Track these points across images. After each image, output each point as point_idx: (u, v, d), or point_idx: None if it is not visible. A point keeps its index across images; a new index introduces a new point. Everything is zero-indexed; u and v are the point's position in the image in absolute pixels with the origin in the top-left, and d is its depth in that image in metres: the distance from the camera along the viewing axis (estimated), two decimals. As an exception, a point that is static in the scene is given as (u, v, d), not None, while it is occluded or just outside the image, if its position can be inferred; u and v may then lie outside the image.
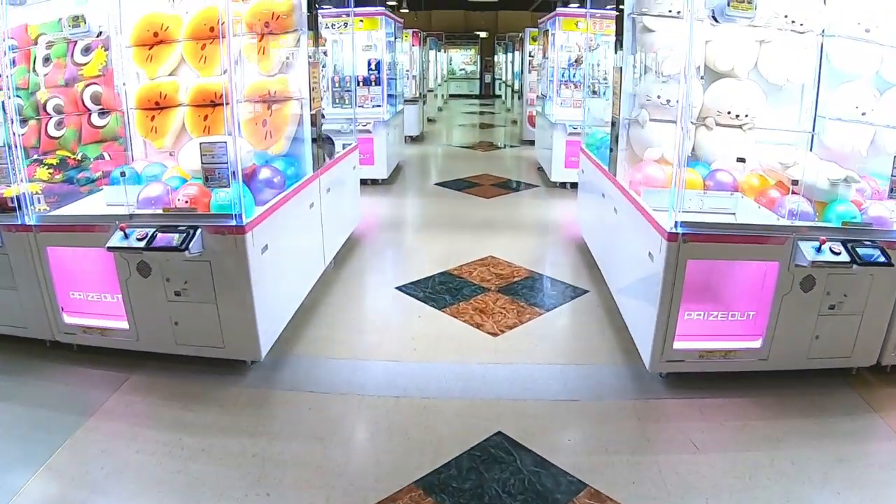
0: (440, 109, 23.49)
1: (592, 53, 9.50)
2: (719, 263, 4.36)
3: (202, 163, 3.69)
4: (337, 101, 9.92)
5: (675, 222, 3.70)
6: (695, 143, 4.95)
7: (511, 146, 15.22)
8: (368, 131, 9.52)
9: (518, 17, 28.05)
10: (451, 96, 30.00)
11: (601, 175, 5.65)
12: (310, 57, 4.91)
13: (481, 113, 24.32)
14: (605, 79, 9.87)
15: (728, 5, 3.74)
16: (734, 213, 4.47)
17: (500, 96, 29.48)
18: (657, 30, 4.73)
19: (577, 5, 17.32)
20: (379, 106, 10.13)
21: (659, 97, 4.76)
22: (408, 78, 14.84)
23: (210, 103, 4.84)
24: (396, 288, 5.71)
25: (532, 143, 13.63)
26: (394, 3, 21.57)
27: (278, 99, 4.83)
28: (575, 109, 9.96)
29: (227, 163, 3.66)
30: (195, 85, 4.86)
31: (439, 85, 24.19)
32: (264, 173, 4.45)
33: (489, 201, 9.34)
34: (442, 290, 5.64)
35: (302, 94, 4.91)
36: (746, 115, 4.83)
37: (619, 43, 4.99)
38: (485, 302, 5.39)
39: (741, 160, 4.73)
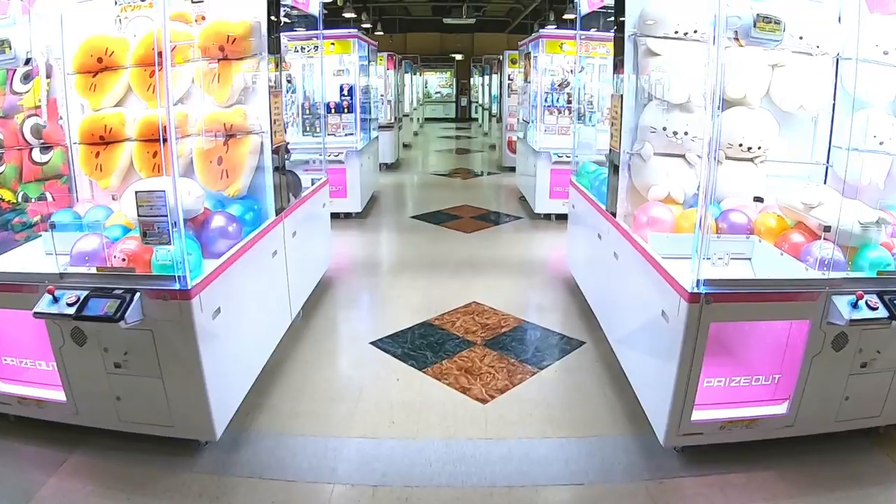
0: (416, 134, 23.06)
1: (579, 77, 9.15)
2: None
3: (138, 215, 3.14)
4: (307, 129, 9.44)
5: (698, 281, 3.20)
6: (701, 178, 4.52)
7: (490, 173, 14.75)
8: (341, 162, 8.99)
9: (494, 39, 27.97)
10: (427, 120, 29.60)
11: (597, 213, 5.17)
12: (271, 85, 4.39)
13: (457, 137, 23.93)
14: (590, 103, 9.56)
15: (754, 26, 3.28)
16: (750, 259, 4.06)
17: (476, 119, 29.21)
18: (663, 53, 4.28)
19: (554, 27, 17.15)
20: (351, 134, 9.59)
21: (665, 128, 4.31)
22: (382, 103, 14.36)
23: (160, 138, 4.33)
24: (371, 343, 5.15)
25: (512, 169, 13.24)
26: (368, 26, 21.28)
27: (235, 133, 4.31)
28: (560, 136, 9.55)
29: (167, 215, 3.11)
30: (143, 117, 4.39)
31: (415, 109, 23.76)
32: (217, 221, 3.92)
33: (470, 236, 8.81)
34: (422, 346, 5.09)
35: (262, 127, 4.38)
36: (759, 148, 4.44)
37: (617, 67, 4.53)
38: (471, 359, 4.85)
39: (759, 200, 4.32)
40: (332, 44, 9.49)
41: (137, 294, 3.21)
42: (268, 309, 4.56)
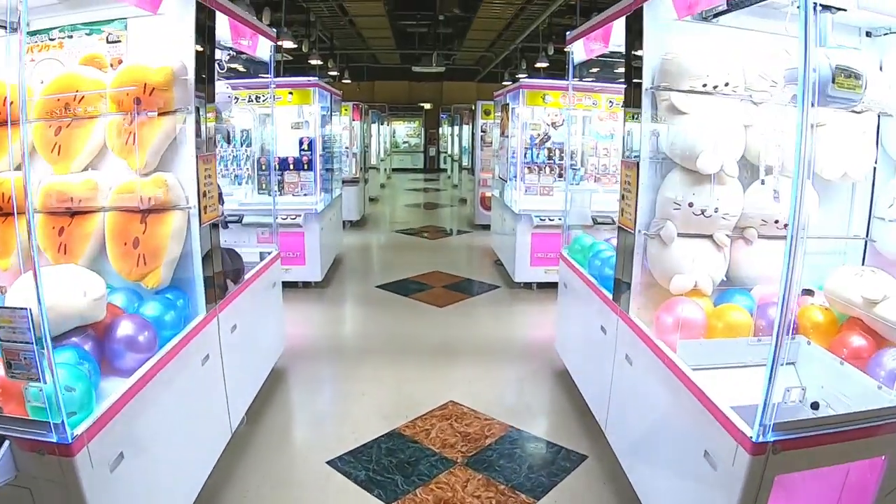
0: (383, 186, 22.34)
1: (566, 131, 8.51)
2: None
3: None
4: (263, 187, 8.58)
5: (764, 426, 2.43)
6: (729, 262, 3.77)
7: (462, 231, 14.00)
8: (298, 225, 8.15)
9: (463, 87, 27.79)
10: (395, 170, 28.96)
11: (599, 302, 4.39)
12: (200, 147, 3.57)
13: (426, 190, 23.23)
14: (571, 157, 8.88)
15: (832, 81, 2.54)
16: (794, 363, 3.31)
17: (445, 170, 28.69)
18: (690, 111, 3.52)
19: (525, 75, 16.69)
20: (309, 194, 8.72)
21: (691, 204, 3.55)
22: (347, 156, 13.59)
23: (67, 211, 3.58)
24: (329, 462, 4.23)
25: (485, 227, 12.55)
26: (335, 73, 20.76)
27: (154, 208, 3.49)
28: (542, 197, 8.79)
29: (32, 343, 2.26)
30: (47, 184, 3.59)
31: (382, 160, 23.09)
32: (124, 329, 3.08)
33: (443, 311, 7.91)
34: (391, 466, 4.19)
35: (189, 200, 3.56)
36: (799, 224, 3.69)
37: (630, 127, 3.80)
38: (451, 486, 3.97)
39: (808, 293, 3.61)
40: (291, 93, 8.66)
41: (7, 443, 2.36)
42: (197, 433, 3.63)
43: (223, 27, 4.04)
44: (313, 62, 16.82)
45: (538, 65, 16.46)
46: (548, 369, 5.89)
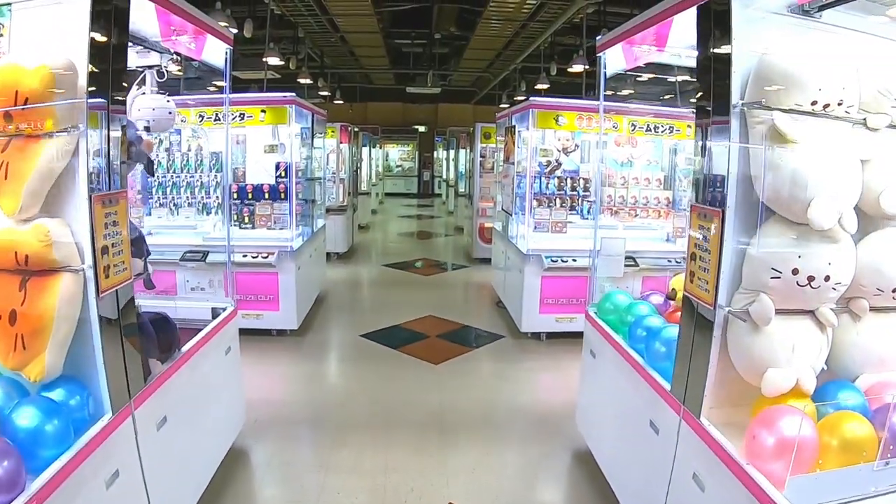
0: (374, 212, 21.37)
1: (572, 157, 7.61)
2: None
3: None
4: (236, 218, 7.52)
5: None
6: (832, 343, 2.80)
7: (458, 266, 12.94)
8: (271, 265, 7.10)
9: (459, 110, 27.24)
10: (388, 195, 28.11)
11: (648, 390, 3.38)
12: (98, 183, 2.57)
13: (419, 217, 22.32)
14: (586, 189, 7.95)
15: None
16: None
17: (439, 195, 27.82)
18: (801, 139, 2.50)
19: (524, 98, 15.83)
20: (285, 228, 7.59)
21: (795, 270, 2.55)
22: (334, 182, 12.58)
23: None
24: None
25: (484, 261, 11.64)
26: (326, 94, 19.99)
27: (36, 270, 2.48)
28: (554, 235, 7.75)
29: None
30: None
31: (374, 184, 22.12)
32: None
33: (438, 369, 6.77)
34: None
35: (84, 258, 2.54)
36: (920, 292, 2.76)
37: (708, 159, 2.81)
38: None
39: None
40: (263, 111, 7.54)
41: None
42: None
43: (148, 19, 3.05)
44: (302, 81, 15.95)
45: (538, 86, 15.65)
46: (567, 450, 4.85)
